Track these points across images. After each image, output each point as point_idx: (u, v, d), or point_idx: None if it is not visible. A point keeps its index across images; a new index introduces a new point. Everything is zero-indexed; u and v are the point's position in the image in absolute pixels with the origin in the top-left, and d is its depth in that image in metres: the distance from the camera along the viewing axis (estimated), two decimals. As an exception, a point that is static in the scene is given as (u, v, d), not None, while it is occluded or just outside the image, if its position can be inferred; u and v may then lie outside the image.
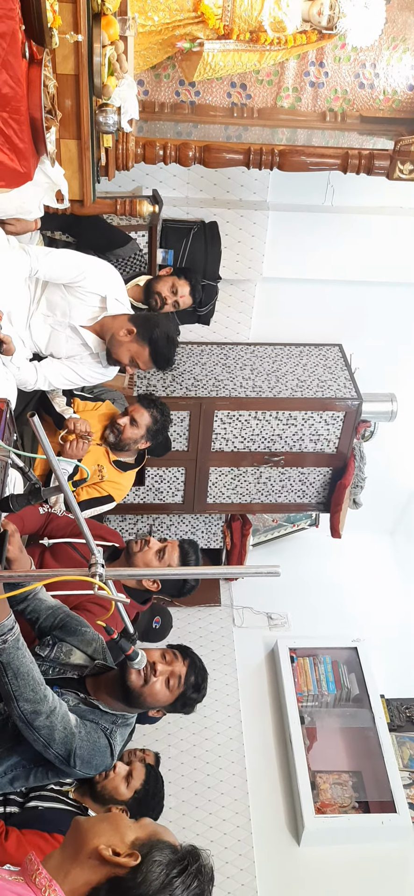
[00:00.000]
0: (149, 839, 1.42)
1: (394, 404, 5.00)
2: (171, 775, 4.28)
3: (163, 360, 3.27)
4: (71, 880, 1.36)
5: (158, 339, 3.18)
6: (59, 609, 2.43)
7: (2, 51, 2.04)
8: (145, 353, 3.19)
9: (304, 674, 5.07)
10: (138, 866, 1.36)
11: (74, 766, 2.07)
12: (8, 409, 2.15)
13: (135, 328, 3.15)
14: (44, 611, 2.39)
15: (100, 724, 2.16)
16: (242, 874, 4.07)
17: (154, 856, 1.38)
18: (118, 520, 5.28)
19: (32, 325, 3.14)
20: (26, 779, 2.17)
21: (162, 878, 1.36)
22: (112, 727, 2.19)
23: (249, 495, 5.14)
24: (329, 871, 4.18)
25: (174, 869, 1.38)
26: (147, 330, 3.17)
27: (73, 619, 2.41)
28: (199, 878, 1.41)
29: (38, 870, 1.36)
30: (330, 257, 4.77)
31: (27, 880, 1.35)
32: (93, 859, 1.37)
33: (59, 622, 2.39)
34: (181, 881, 1.38)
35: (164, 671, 2.26)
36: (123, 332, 3.14)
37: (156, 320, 3.25)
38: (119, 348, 3.17)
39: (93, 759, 2.11)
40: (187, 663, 2.31)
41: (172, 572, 2.92)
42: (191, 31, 3.25)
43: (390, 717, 4.87)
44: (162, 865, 1.37)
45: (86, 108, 2.76)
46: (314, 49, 3.50)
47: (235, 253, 4.65)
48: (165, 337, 3.21)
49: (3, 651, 1.89)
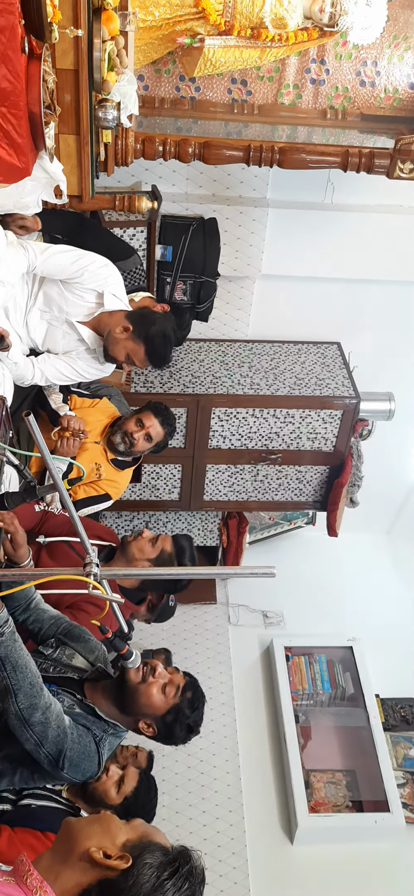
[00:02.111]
0: (140, 841, 1.42)
1: (392, 403, 4.99)
2: (165, 773, 4.28)
3: (158, 359, 3.26)
4: (62, 882, 1.36)
5: (154, 338, 3.17)
6: (61, 619, 2.44)
7: (1, 45, 2.03)
8: (141, 352, 3.17)
9: (299, 672, 5.07)
10: (129, 869, 1.36)
11: (63, 769, 2.06)
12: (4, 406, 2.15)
13: (131, 326, 3.14)
14: (46, 620, 2.40)
15: (91, 729, 2.15)
16: (234, 872, 4.07)
17: (145, 858, 1.38)
18: (114, 517, 5.27)
19: (29, 320, 3.13)
20: (12, 777, 2.16)
21: (153, 880, 1.36)
22: (103, 735, 2.18)
23: (245, 493, 5.13)
24: (322, 869, 4.19)
25: (165, 871, 1.38)
26: (143, 328, 3.16)
27: (76, 628, 2.43)
28: (191, 880, 1.41)
29: (30, 871, 1.36)
30: (329, 255, 4.75)
31: (18, 881, 1.35)
32: (84, 861, 1.37)
33: (62, 630, 2.40)
34: (172, 883, 1.38)
35: (163, 675, 2.28)
36: (119, 329, 3.13)
37: (152, 318, 3.24)
38: (115, 346, 3.16)
39: (81, 763, 2.10)
40: (187, 680, 2.34)
41: (167, 573, 2.92)
42: (192, 26, 3.23)
43: (385, 717, 4.87)
44: (153, 868, 1.37)
45: (85, 103, 2.75)
46: (315, 46, 3.48)
47: (234, 250, 4.64)
48: (161, 335, 3.20)
49: (1, 644, 1.88)
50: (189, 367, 4.80)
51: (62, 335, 3.17)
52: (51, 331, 3.16)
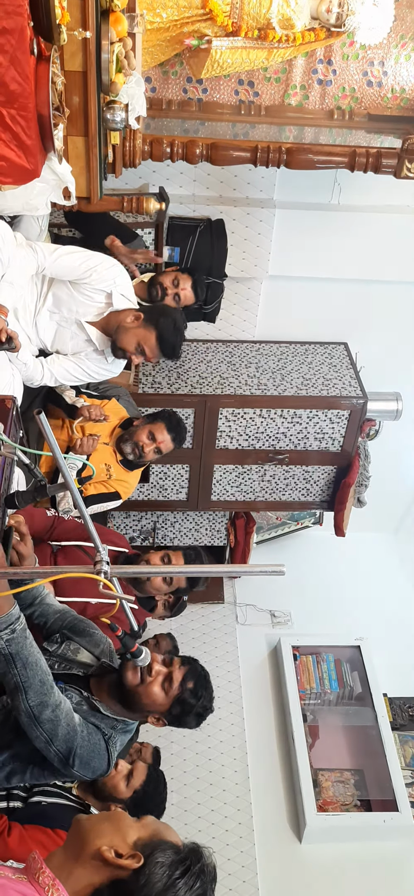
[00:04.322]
0: (151, 839, 1.42)
1: (399, 403, 4.99)
2: (174, 772, 4.29)
3: (169, 347, 3.25)
4: (74, 881, 1.36)
5: (166, 325, 3.18)
6: (67, 612, 2.43)
7: (10, 47, 2.04)
8: (152, 338, 3.17)
9: (306, 672, 5.07)
10: (141, 868, 1.35)
11: (73, 766, 2.06)
12: (14, 406, 2.16)
13: (141, 314, 3.16)
14: (52, 614, 2.40)
15: (100, 727, 2.15)
16: (243, 871, 4.07)
17: (156, 857, 1.38)
18: (122, 516, 5.29)
19: (39, 321, 3.14)
20: (23, 774, 2.17)
21: (164, 879, 1.36)
22: (112, 732, 2.18)
23: (253, 493, 5.14)
24: (331, 868, 4.19)
25: (177, 870, 1.38)
26: (154, 315, 3.18)
27: (81, 622, 2.42)
28: (202, 878, 1.41)
29: (42, 868, 1.36)
30: (336, 256, 4.76)
31: (31, 879, 1.36)
32: (95, 860, 1.37)
33: (67, 624, 2.40)
34: (184, 882, 1.38)
35: (161, 671, 2.26)
36: (130, 318, 3.14)
37: (162, 307, 3.26)
38: (125, 334, 3.15)
39: (91, 760, 2.11)
40: (186, 668, 2.30)
41: (178, 570, 2.93)
42: (199, 28, 3.24)
43: (393, 716, 4.87)
44: (164, 867, 1.37)
45: (93, 104, 2.75)
46: (322, 47, 3.49)
47: (241, 251, 4.64)
48: (172, 323, 3.22)
49: (12, 641, 1.88)
50: (196, 368, 4.81)
51: (71, 336, 3.19)
52: (60, 331, 3.17)
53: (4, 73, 2.07)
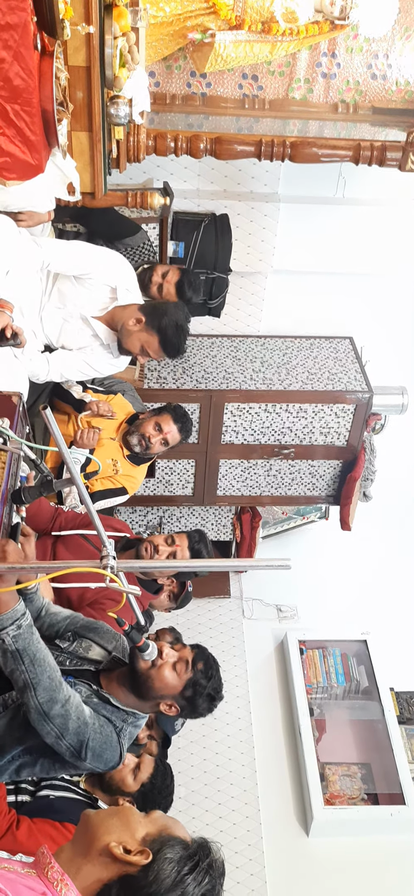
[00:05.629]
0: (159, 835, 1.41)
1: (405, 397, 4.98)
2: (181, 765, 4.29)
3: (172, 349, 3.28)
4: (82, 877, 1.36)
5: (167, 328, 3.20)
6: (77, 617, 2.44)
7: (14, 42, 2.04)
8: (155, 342, 3.20)
9: (313, 666, 5.07)
10: (150, 864, 1.35)
11: (85, 759, 2.07)
12: (21, 402, 2.16)
13: (144, 317, 3.16)
14: (62, 621, 2.40)
15: (111, 719, 2.16)
16: (251, 864, 4.08)
17: (165, 853, 1.37)
18: (128, 511, 5.29)
19: (44, 316, 3.15)
20: (33, 767, 2.17)
21: (173, 875, 1.36)
22: (123, 725, 2.19)
23: (258, 488, 5.13)
24: (338, 862, 4.19)
25: (186, 866, 1.38)
26: (156, 318, 3.19)
27: (93, 623, 2.43)
28: (211, 874, 1.41)
29: (51, 863, 1.36)
30: (341, 249, 4.74)
31: (40, 874, 1.36)
32: (104, 856, 1.37)
33: (79, 626, 2.41)
34: (193, 878, 1.37)
35: (172, 655, 2.27)
36: (133, 321, 3.16)
37: (164, 309, 3.26)
38: (129, 338, 3.19)
39: (104, 752, 2.11)
40: (195, 651, 2.32)
41: (185, 565, 2.93)
42: (202, 21, 3.23)
43: (400, 710, 4.86)
44: (173, 863, 1.36)
45: (97, 99, 2.75)
46: (326, 40, 3.47)
47: (245, 245, 4.64)
48: (174, 325, 3.23)
49: (19, 637, 1.89)
50: (202, 363, 4.81)
51: (76, 331, 3.20)
52: (65, 327, 3.18)
53: (8, 69, 2.07)
